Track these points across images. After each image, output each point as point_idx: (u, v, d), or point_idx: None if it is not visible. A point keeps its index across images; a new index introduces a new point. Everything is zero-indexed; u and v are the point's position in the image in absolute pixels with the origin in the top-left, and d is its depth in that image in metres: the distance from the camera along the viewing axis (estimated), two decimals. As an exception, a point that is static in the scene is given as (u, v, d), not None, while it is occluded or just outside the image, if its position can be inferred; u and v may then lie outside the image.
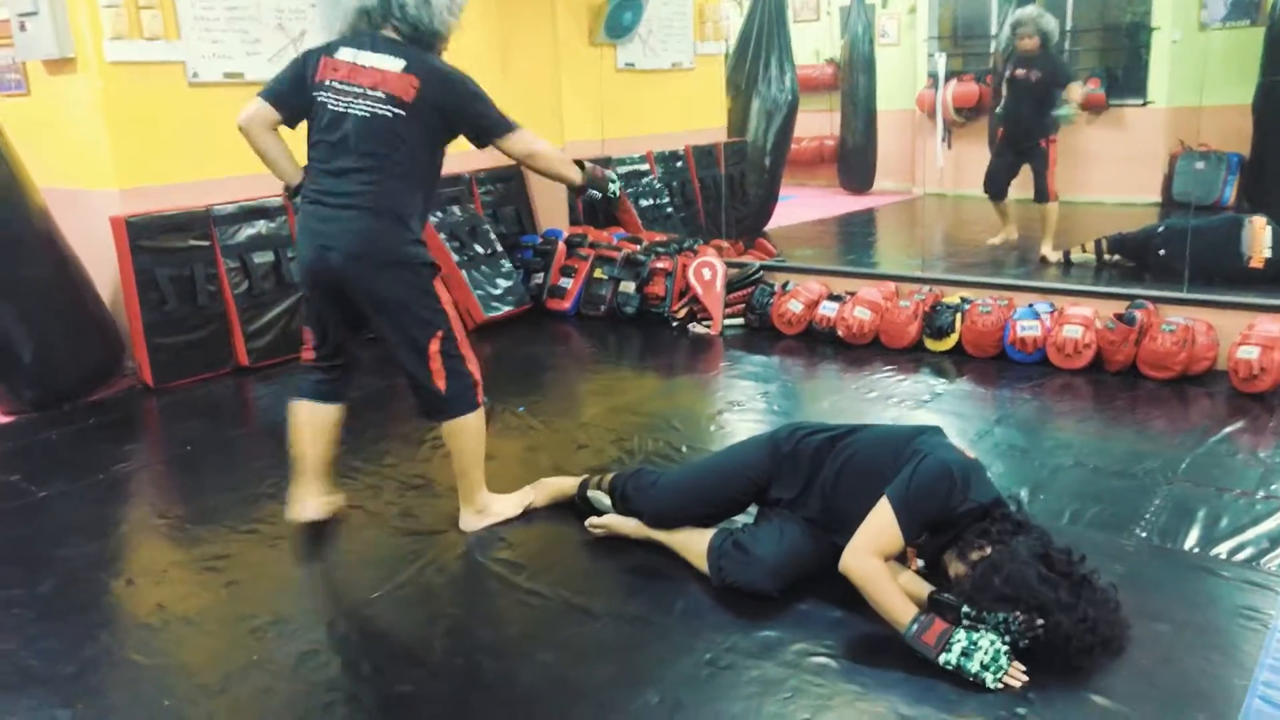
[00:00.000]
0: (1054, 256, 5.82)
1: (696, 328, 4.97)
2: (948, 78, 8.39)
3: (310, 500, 2.79)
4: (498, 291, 5.21)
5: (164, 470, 3.56)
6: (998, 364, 4.21)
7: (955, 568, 2.18)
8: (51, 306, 3.96)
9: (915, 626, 2.04)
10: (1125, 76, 8.03)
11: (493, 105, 2.61)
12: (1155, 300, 4.12)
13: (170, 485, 3.42)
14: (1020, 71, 6.06)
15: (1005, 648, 2.00)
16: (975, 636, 2.00)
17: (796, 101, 7.16)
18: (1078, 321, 4.07)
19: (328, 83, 2.53)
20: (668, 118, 6.58)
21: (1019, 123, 6.20)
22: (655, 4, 6.25)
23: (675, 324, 5.05)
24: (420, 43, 2.57)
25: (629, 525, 2.67)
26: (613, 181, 2.83)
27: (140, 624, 2.41)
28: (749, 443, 2.66)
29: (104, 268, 4.25)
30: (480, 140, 2.63)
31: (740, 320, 5.00)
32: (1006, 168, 6.32)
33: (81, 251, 4.16)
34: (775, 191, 7.34)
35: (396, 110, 2.49)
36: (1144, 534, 2.65)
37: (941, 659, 2.00)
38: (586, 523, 2.75)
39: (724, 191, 6.72)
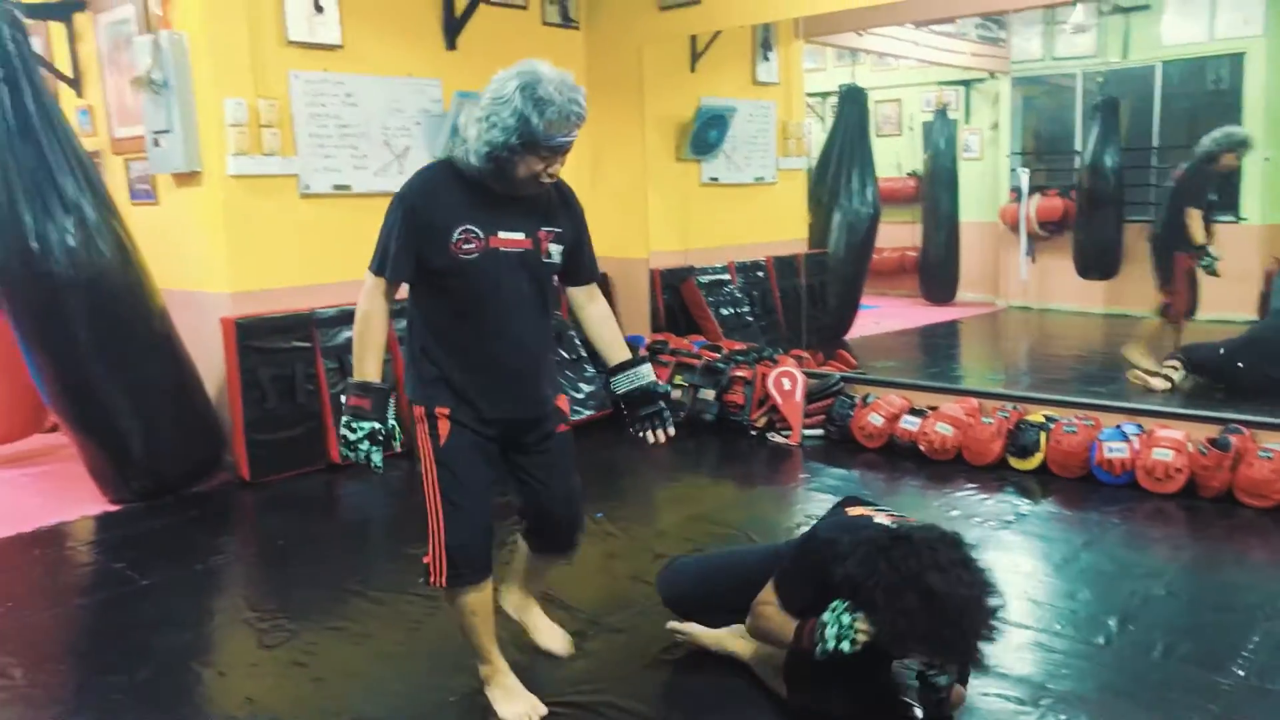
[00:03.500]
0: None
1: (775, 437, 5.00)
2: (1031, 192, 8.44)
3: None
4: (580, 396, 5.33)
5: (256, 563, 3.69)
6: (1084, 485, 4.13)
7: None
8: (164, 403, 4.19)
9: (799, 634, 2.21)
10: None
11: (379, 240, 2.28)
12: (1250, 425, 4.02)
13: (262, 578, 3.54)
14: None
15: (844, 609, 2.11)
16: (826, 617, 2.14)
17: (878, 214, 7.28)
18: (1168, 445, 3.98)
19: None
20: (750, 229, 6.74)
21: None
22: (740, 121, 6.48)
23: (754, 433, 5.08)
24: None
25: (708, 636, 2.68)
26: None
27: (229, 717, 2.49)
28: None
29: (212, 365, 4.49)
30: None
31: (820, 431, 5.00)
32: None
33: (193, 349, 4.41)
34: (856, 301, 7.40)
35: None
36: (1242, 673, 2.55)
37: (818, 651, 2.14)
38: (668, 625, 2.76)
39: (804, 301, 6.80)
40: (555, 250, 2.29)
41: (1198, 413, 4.29)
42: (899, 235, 9.21)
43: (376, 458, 2.26)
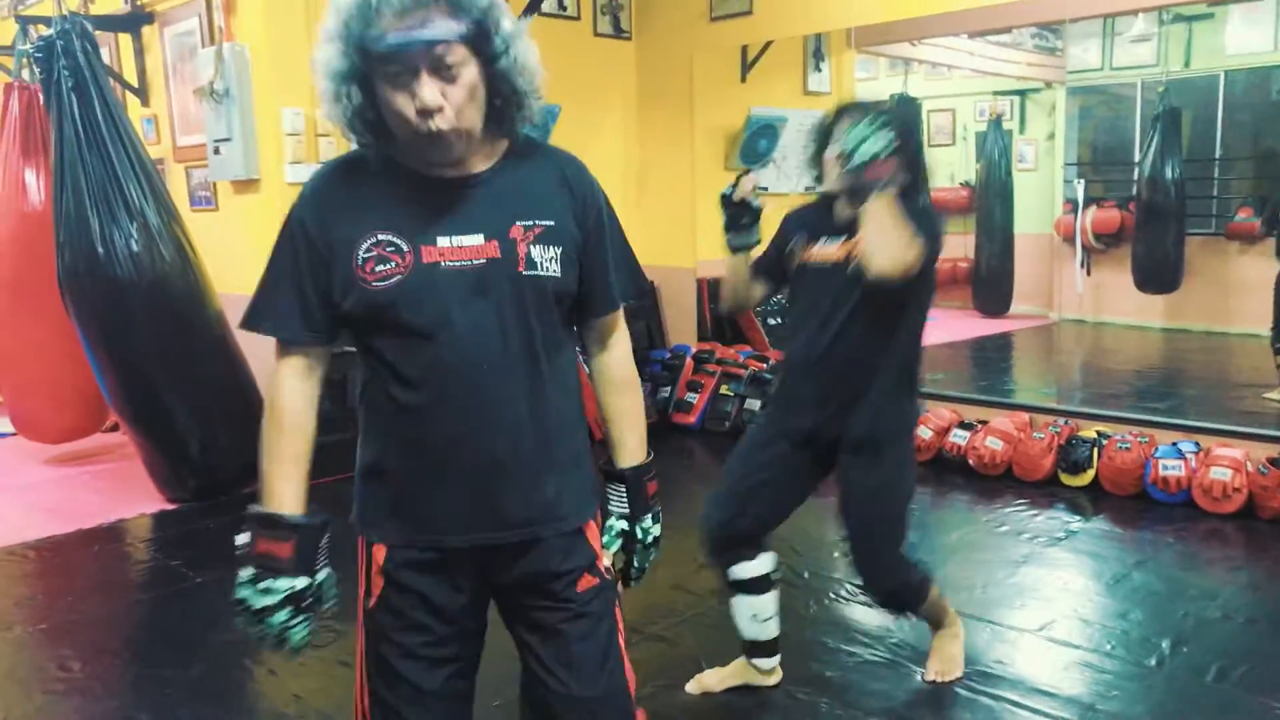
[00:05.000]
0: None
1: (822, 449, 4.96)
2: (1087, 204, 8.30)
3: None
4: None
5: (306, 563, 3.76)
6: (1138, 503, 4.04)
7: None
8: (220, 404, 4.29)
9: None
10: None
11: None
12: (1313, 444, 3.91)
13: (311, 578, 3.61)
14: None
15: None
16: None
17: (930, 225, 7.19)
18: (1226, 463, 3.88)
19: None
20: (799, 239, 6.70)
21: None
22: (790, 131, 6.46)
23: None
24: None
25: (726, 673, 2.64)
26: None
27: (279, 713, 2.54)
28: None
29: (266, 367, 4.58)
30: None
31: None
32: None
33: (248, 350, 4.51)
34: (906, 313, 7.31)
35: None
36: (1300, 699, 2.49)
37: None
38: (687, 687, 2.67)
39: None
40: (547, 257, 1.40)
41: (1257, 431, 4.18)
42: (952, 246, 9.09)
43: (300, 633, 1.42)
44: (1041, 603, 3.14)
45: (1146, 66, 8.09)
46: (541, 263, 1.39)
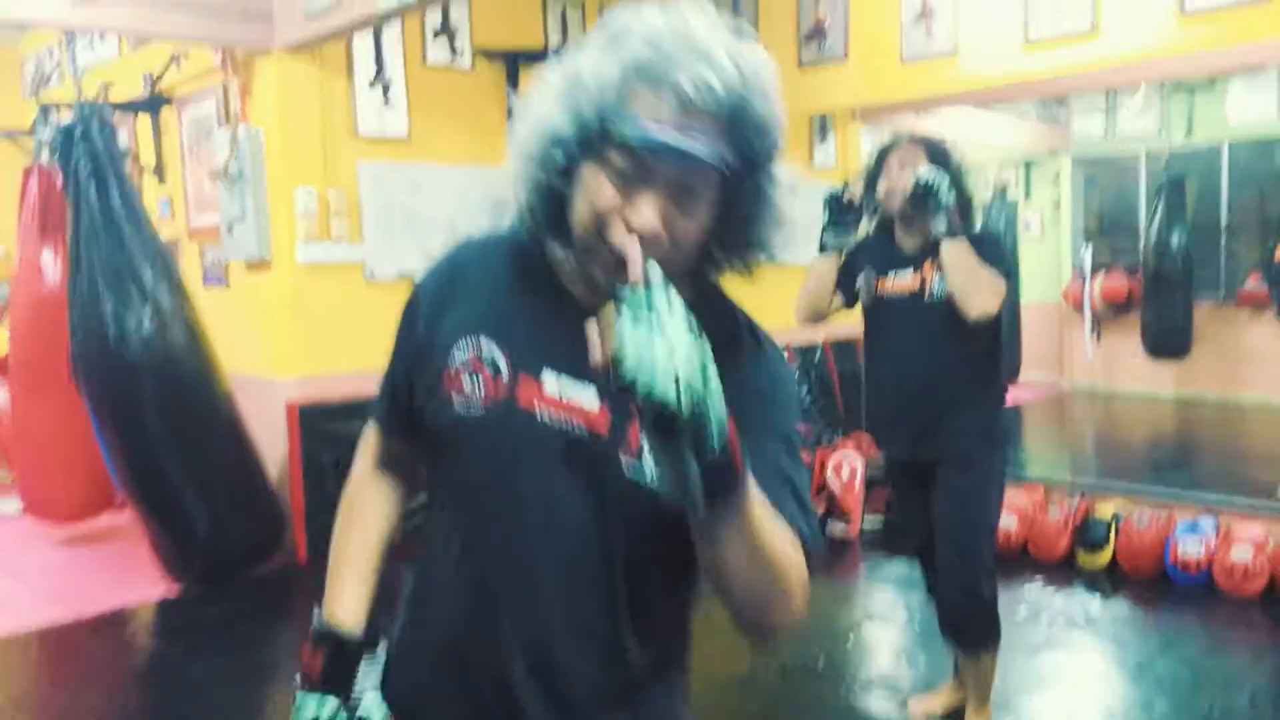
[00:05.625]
0: None
1: (833, 527, 4.91)
2: (1095, 271, 8.31)
3: None
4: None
5: (312, 650, 3.70)
6: (1158, 584, 3.97)
7: None
8: (228, 486, 4.27)
9: None
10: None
11: None
12: (1334, 523, 3.85)
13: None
14: None
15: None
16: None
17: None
18: (1247, 542, 3.82)
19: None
20: (808, 310, 6.71)
21: None
22: (796, 204, 6.51)
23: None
24: None
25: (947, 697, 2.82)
26: None
27: (280, 817, 2.47)
28: None
29: (274, 448, 4.58)
30: None
31: (880, 520, 4.90)
32: None
33: (256, 431, 4.50)
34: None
35: None
36: (1335, 801, 2.40)
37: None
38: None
39: (864, 384, 6.71)
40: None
41: (1278, 507, 4.11)
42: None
43: None
44: (1063, 691, 3.07)
45: (1150, 138, 8.17)
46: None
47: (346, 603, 1.22)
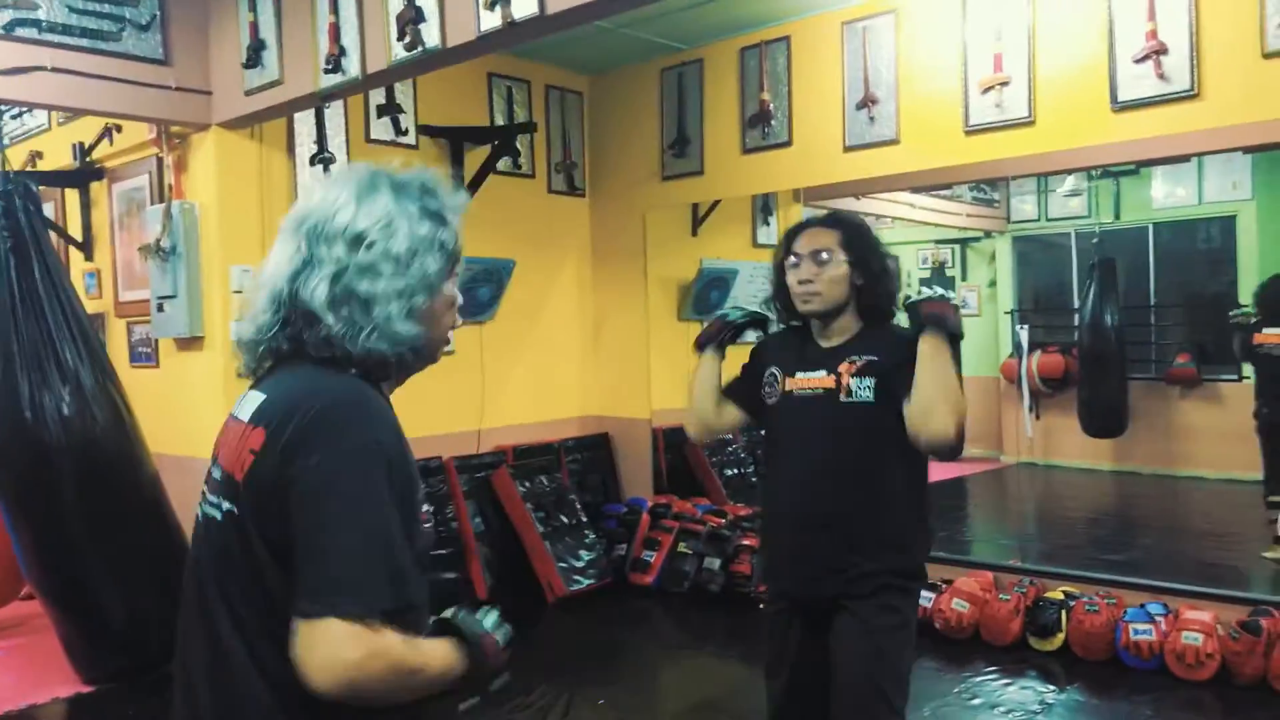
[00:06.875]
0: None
1: (783, 610, 4.79)
2: (1031, 348, 8.47)
3: None
4: (580, 564, 5.15)
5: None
6: (1111, 669, 3.92)
7: None
8: (148, 574, 4.02)
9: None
10: (1216, 351, 7.97)
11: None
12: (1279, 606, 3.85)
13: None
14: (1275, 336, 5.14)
15: None
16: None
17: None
18: (1197, 627, 3.80)
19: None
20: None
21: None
22: (741, 282, 6.54)
23: (762, 606, 4.88)
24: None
25: None
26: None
27: None
28: None
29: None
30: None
31: (829, 603, 4.80)
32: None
33: (183, 515, 4.28)
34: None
35: None
36: None
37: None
38: None
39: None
40: None
41: (1225, 592, 4.12)
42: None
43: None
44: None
45: (1080, 218, 8.44)
46: None
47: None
